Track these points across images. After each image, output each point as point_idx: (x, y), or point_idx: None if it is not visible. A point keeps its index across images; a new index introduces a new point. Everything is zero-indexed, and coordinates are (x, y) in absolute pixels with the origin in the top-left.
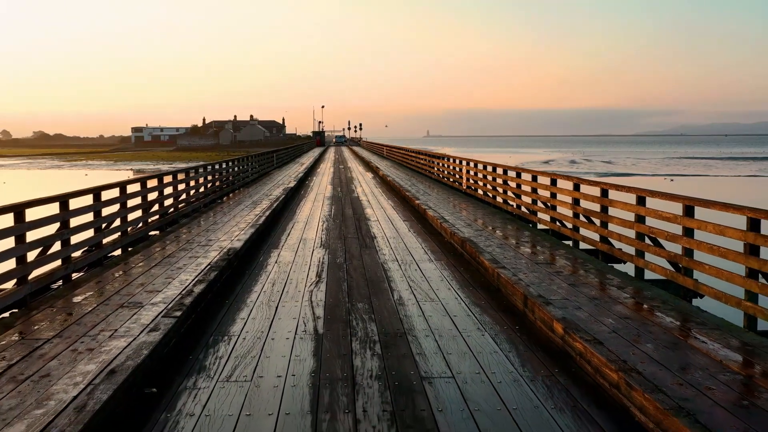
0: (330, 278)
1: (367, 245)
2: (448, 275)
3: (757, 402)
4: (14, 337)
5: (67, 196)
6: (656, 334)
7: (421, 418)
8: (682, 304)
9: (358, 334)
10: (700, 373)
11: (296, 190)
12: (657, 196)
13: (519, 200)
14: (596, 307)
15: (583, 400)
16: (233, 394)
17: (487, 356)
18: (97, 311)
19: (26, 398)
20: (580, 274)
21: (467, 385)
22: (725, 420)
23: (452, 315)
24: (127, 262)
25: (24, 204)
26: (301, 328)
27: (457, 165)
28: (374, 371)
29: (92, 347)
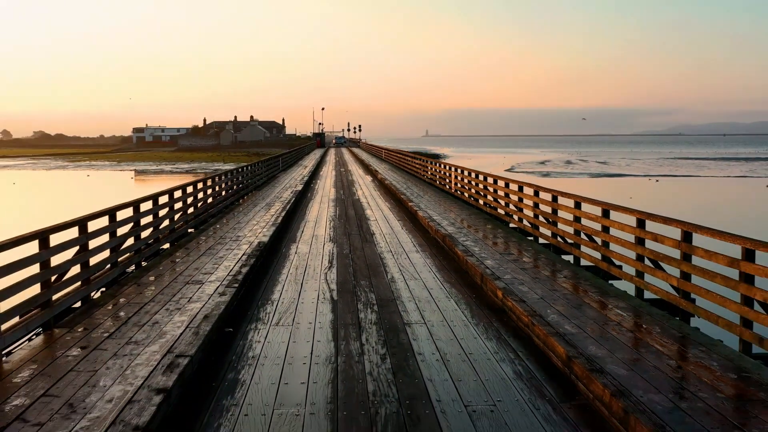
0: (339, 264)
1: (367, 240)
2: (429, 262)
3: (608, 331)
4: (122, 300)
5: (138, 201)
6: (572, 300)
7: (402, 343)
8: (601, 283)
9: (362, 299)
10: (587, 320)
11: (303, 193)
12: (588, 202)
13: (496, 203)
14: (535, 283)
15: (507, 335)
16: (281, 332)
17: (449, 312)
18: (172, 286)
19: (150, 334)
20: (533, 262)
21: (434, 327)
22: (584, 338)
23: (429, 288)
24: (177, 253)
25: (116, 207)
26: (320, 297)
27: (446, 170)
28: (373, 320)
29: (179, 307)
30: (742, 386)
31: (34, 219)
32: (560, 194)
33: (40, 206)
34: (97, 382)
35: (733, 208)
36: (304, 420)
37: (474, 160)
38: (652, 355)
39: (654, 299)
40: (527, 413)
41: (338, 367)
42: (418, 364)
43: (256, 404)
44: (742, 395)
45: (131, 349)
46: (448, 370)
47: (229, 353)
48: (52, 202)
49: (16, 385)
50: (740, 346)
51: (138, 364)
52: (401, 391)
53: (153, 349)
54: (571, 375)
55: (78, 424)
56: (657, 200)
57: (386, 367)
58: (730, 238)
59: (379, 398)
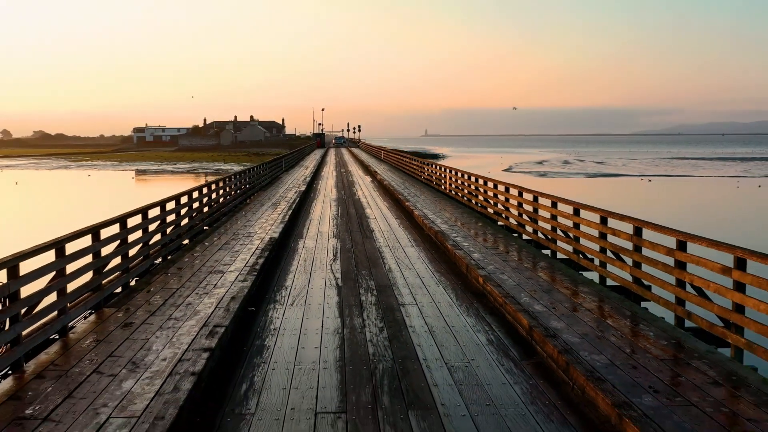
0: (342, 257)
1: (367, 236)
2: (423, 255)
3: (569, 310)
4: (157, 286)
5: (165, 201)
6: (543, 286)
7: (397, 319)
8: (572, 273)
9: (363, 285)
10: (553, 302)
11: (307, 193)
12: (562, 201)
13: (486, 203)
14: (514, 272)
15: (484, 312)
16: (296, 311)
17: (437, 295)
18: (197, 275)
19: (186, 312)
20: (515, 255)
21: (424, 307)
22: (548, 315)
23: (421, 276)
24: (197, 248)
25: (148, 206)
26: (327, 283)
27: (442, 172)
28: (372, 301)
29: (206, 292)
30: (671, 351)
31: (49, 218)
32: (539, 194)
33: (51, 206)
34: (150, 347)
35: (710, 207)
36: (319, 373)
37: (472, 160)
38: (602, 328)
39: (615, 286)
40: (494, 368)
41: (344, 336)
42: (409, 335)
43: (281, 362)
44: (669, 356)
45: (173, 323)
46: (434, 338)
47: (254, 326)
48: (64, 202)
49: (86, 349)
50: (675, 321)
51: (181, 334)
52: (395, 353)
53: (191, 323)
54: (531, 340)
55: (144, 374)
56: (644, 200)
57: (383, 336)
58: (670, 232)
59: (378, 358)
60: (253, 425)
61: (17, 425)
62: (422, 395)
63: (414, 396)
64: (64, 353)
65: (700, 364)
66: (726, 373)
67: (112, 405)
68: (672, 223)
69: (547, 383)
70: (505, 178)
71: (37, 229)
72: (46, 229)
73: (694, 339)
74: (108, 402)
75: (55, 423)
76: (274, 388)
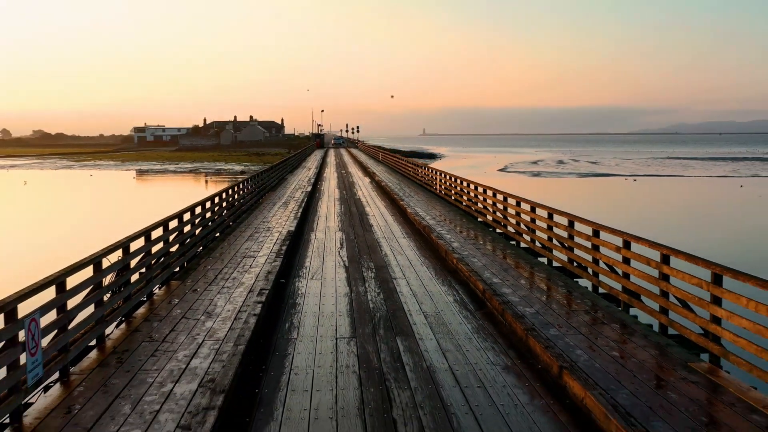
0: (347, 245)
1: (367, 230)
2: (413, 244)
3: (519, 282)
4: (206, 267)
5: (204, 201)
6: (504, 266)
7: (390, 287)
8: (530, 257)
9: (364, 266)
10: (508, 276)
11: (312, 193)
12: (522, 201)
13: (469, 203)
14: (483, 256)
15: (455, 283)
16: (315, 282)
17: (421, 272)
18: (235, 258)
19: (234, 283)
20: (488, 245)
21: (410, 280)
22: (500, 284)
23: (410, 259)
24: (228, 239)
25: (195, 204)
26: (337, 264)
27: (433, 174)
28: (372, 276)
29: (245, 270)
30: (583, 306)
31: (74, 214)
32: (508, 195)
33: (71, 205)
34: (215, 304)
35: (680, 206)
36: (336, 317)
37: (469, 160)
38: (539, 293)
39: (558, 267)
40: (455, 315)
41: (352, 298)
42: (399, 297)
43: (309, 312)
44: (582, 310)
45: (227, 290)
46: (416, 298)
47: (286, 292)
48: (80, 201)
49: (171, 305)
50: (591, 287)
51: (235, 296)
52: (388, 307)
53: (240, 290)
54: (484, 299)
55: (217, 319)
56: (614, 198)
57: (380, 298)
58: (587, 222)
59: (376, 309)
60: (297, 343)
61: (150, 341)
62: (405, 329)
63: (400, 329)
64: (157, 307)
65: (601, 315)
66: (619, 320)
67: (202, 334)
68: (627, 220)
69: (489, 323)
70: (500, 178)
71: (105, 225)
72: (109, 224)
73: (606, 301)
74: (199, 333)
75: (170, 343)
76: (307, 325)
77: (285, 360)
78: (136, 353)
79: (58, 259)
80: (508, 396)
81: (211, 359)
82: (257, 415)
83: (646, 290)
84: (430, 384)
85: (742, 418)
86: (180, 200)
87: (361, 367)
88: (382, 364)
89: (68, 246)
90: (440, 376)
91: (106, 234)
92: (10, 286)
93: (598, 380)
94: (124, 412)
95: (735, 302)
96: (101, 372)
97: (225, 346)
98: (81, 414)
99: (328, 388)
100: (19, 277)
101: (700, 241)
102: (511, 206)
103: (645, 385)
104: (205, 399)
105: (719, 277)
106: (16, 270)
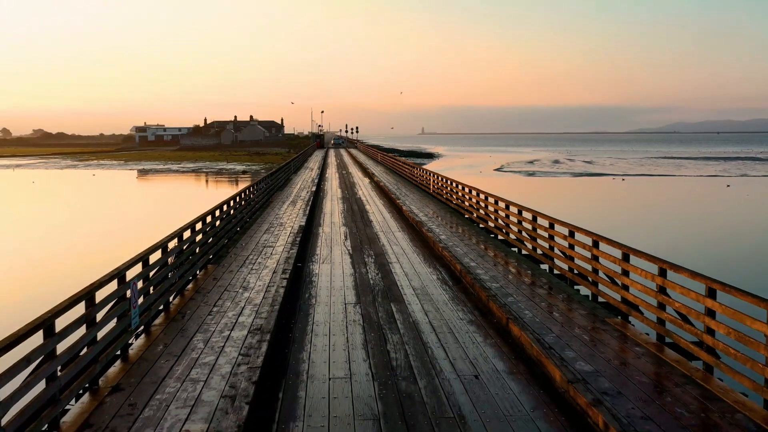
0: (351, 238)
1: (367, 225)
2: (406, 237)
3: (493, 267)
4: (233, 255)
5: (228, 200)
6: (481, 254)
7: (387, 270)
8: (505, 247)
9: (366, 253)
10: (483, 262)
11: (317, 193)
12: (501, 200)
13: (458, 201)
14: (465, 246)
15: (439, 266)
16: (326, 266)
17: (412, 258)
18: (257, 248)
19: (260, 266)
20: (471, 237)
21: (403, 264)
22: (476, 267)
23: (403, 248)
24: (247, 233)
25: (222, 203)
26: (343, 252)
27: (427, 175)
28: (372, 261)
29: (268, 256)
30: (541, 281)
31: (91, 212)
32: (488, 194)
33: (87, 203)
34: (248, 281)
35: (655, 205)
36: (344, 291)
37: (466, 160)
38: (506, 273)
39: (526, 255)
40: (437, 288)
41: (356, 277)
42: (394, 276)
43: (323, 286)
44: (539, 286)
45: (255, 271)
46: (407, 277)
47: (303, 272)
48: (92, 199)
49: (212, 282)
50: (548, 269)
51: (263, 275)
52: (384, 283)
53: (266, 271)
54: (461, 277)
55: (253, 290)
56: (603, 196)
57: (379, 277)
58: (562, 223)
59: (375, 284)
60: (316, 307)
61: (204, 305)
62: (398, 297)
63: (393, 298)
64: (201, 284)
65: (552, 290)
66: (565, 293)
67: (243, 301)
68: (595, 217)
69: (462, 293)
70: (496, 177)
71: (140, 221)
72: (134, 220)
73: (558, 280)
74: (240, 300)
75: (220, 306)
76: (322, 295)
77: (308, 317)
78: (196, 313)
79: (122, 247)
80: (469, 337)
81: (254, 317)
82: (293, 348)
83: (585, 270)
84: (414, 331)
85: (628, 350)
86: (195, 198)
87: (364, 321)
88: (380, 319)
89: (126, 237)
90: (422, 326)
91: (145, 230)
92: (86, 268)
93: (534, 327)
94: (199, 347)
95: (640, 276)
96: (174, 324)
97: (262, 309)
98: (170, 347)
99: (341, 333)
100: (91, 261)
101: (656, 239)
102: (491, 204)
103: (568, 331)
104: (256, 339)
105: (626, 255)
106: (85, 255)
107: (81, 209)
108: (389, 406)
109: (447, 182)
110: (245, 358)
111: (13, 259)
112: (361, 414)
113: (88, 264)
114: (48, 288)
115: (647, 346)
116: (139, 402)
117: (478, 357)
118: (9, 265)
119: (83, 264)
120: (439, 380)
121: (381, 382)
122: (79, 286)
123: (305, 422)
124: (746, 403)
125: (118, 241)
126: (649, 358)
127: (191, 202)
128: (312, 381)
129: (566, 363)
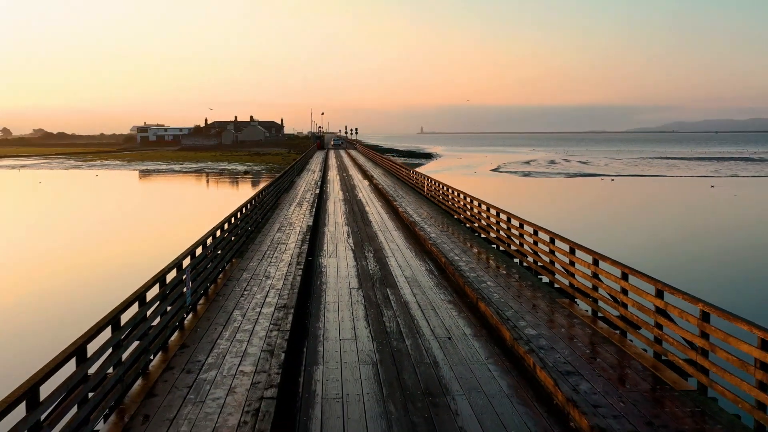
0: (353, 236)
1: (367, 224)
2: (401, 235)
3: (474, 261)
4: (253, 251)
5: (247, 203)
6: (464, 249)
7: (384, 262)
8: (487, 245)
9: (366, 249)
10: (464, 255)
11: (320, 195)
12: (483, 202)
13: (449, 203)
14: (452, 242)
15: (428, 259)
16: (333, 259)
17: (406, 253)
18: (273, 245)
19: (278, 259)
20: (459, 236)
21: (398, 257)
22: (459, 260)
23: (398, 245)
24: (261, 231)
25: (241, 206)
26: (346, 248)
27: (422, 179)
28: (371, 255)
29: (282, 252)
30: (515, 276)
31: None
32: (474, 198)
33: (97, 203)
34: (268, 271)
35: (633, 205)
36: (349, 279)
37: (464, 160)
38: (483, 264)
39: (503, 250)
40: (425, 276)
41: (358, 268)
42: (389, 267)
43: (331, 275)
44: (514, 280)
45: (274, 263)
46: (400, 268)
47: (314, 264)
48: (110, 201)
49: (240, 272)
50: (519, 263)
51: (281, 266)
52: (381, 272)
53: (282, 263)
54: (445, 268)
55: (274, 278)
56: (585, 197)
57: (377, 268)
58: (517, 217)
59: (373, 274)
60: (326, 290)
61: (236, 290)
62: (392, 284)
63: (389, 284)
64: (230, 274)
65: (521, 279)
66: (533, 282)
67: (267, 287)
68: (566, 218)
69: (445, 281)
70: (493, 178)
71: (168, 215)
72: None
73: (529, 273)
74: (264, 286)
75: (249, 290)
76: (330, 282)
77: (321, 298)
78: (231, 296)
79: (174, 245)
80: (446, 312)
81: (278, 298)
82: (311, 320)
83: (545, 262)
84: (404, 308)
85: (572, 324)
86: (204, 199)
87: (365, 301)
88: (378, 300)
89: (172, 234)
90: (410, 305)
91: (172, 227)
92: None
93: (498, 305)
94: (238, 319)
95: (607, 277)
96: (214, 304)
97: (283, 292)
98: (215, 320)
99: (348, 309)
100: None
101: (623, 241)
102: (476, 207)
103: (524, 307)
104: (282, 313)
105: (596, 261)
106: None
107: (107, 212)
108: (384, 356)
109: (440, 186)
110: (275, 326)
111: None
112: (364, 361)
113: (137, 259)
114: (135, 267)
115: (584, 318)
116: (201, 356)
117: (452, 325)
118: (87, 260)
119: (129, 258)
120: (422, 340)
121: (378, 341)
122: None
123: (324, 365)
124: (642, 354)
125: (152, 237)
126: (588, 329)
127: (203, 204)
128: (327, 341)
129: (517, 329)
